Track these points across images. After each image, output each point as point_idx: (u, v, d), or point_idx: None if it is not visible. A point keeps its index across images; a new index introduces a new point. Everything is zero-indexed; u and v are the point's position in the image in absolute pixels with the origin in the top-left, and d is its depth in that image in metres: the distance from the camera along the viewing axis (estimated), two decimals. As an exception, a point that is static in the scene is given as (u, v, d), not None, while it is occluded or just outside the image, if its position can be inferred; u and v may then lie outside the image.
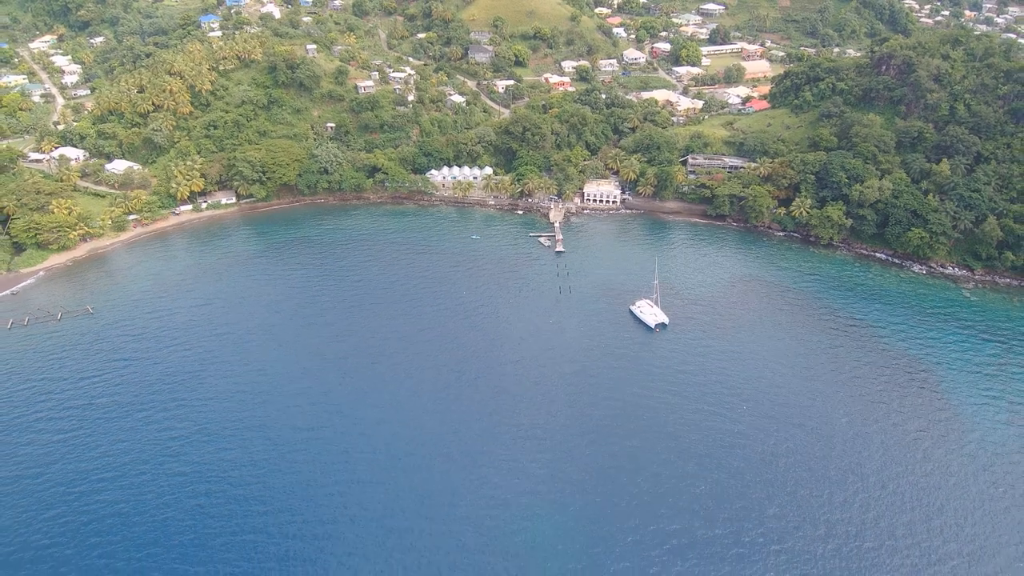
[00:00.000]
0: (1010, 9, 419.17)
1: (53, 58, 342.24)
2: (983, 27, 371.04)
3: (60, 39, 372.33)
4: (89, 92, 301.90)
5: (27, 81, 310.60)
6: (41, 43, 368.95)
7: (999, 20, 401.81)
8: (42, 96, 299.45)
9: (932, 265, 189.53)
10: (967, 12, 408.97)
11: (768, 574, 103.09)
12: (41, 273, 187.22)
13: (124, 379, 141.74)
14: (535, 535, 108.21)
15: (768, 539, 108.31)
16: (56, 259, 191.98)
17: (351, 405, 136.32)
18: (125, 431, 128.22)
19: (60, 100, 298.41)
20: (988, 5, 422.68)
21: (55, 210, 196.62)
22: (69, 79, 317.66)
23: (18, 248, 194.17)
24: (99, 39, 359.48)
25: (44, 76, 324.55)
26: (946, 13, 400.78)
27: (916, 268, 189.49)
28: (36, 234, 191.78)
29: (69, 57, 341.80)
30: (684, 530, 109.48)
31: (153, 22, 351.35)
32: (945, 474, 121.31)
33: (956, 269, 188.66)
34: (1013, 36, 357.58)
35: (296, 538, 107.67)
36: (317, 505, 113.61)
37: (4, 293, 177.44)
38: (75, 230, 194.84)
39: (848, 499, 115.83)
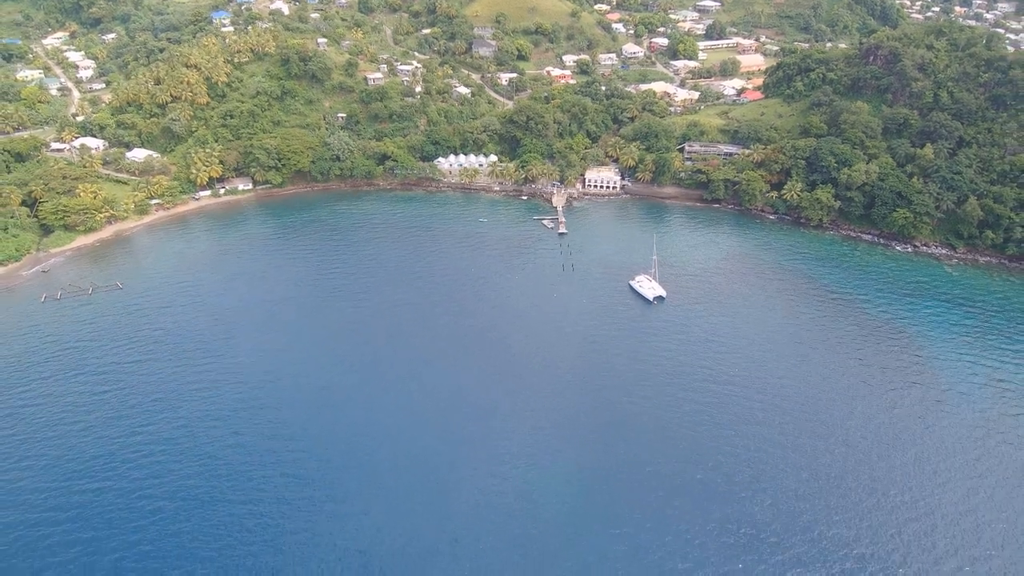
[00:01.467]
0: (999, 5, 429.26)
1: (67, 54, 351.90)
2: (972, 22, 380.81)
3: (72, 36, 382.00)
4: (104, 86, 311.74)
5: (43, 75, 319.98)
6: (54, 39, 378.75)
7: (988, 16, 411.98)
8: (59, 90, 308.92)
9: (916, 244, 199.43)
10: (957, 8, 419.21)
11: (753, 508, 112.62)
12: (69, 253, 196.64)
13: (157, 343, 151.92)
14: (540, 474, 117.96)
15: (755, 478, 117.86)
16: (83, 240, 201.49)
17: (372, 364, 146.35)
18: (161, 385, 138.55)
19: (76, 94, 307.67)
20: (978, 1, 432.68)
21: (81, 194, 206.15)
22: (84, 74, 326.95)
23: (46, 230, 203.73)
24: (111, 36, 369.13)
25: (59, 71, 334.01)
26: (936, 9, 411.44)
27: (901, 247, 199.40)
28: (64, 216, 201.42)
29: (82, 53, 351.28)
30: (677, 472, 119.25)
31: (164, 18, 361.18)
32: (919, 420, 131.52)
33: (939, 248, 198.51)
34: (1001, 31, 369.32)
35: (328, 469, 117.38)
36: (339, 442, 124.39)
37: (35, 270, 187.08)
38: (101, 213, 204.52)
39: (830, 447, 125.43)
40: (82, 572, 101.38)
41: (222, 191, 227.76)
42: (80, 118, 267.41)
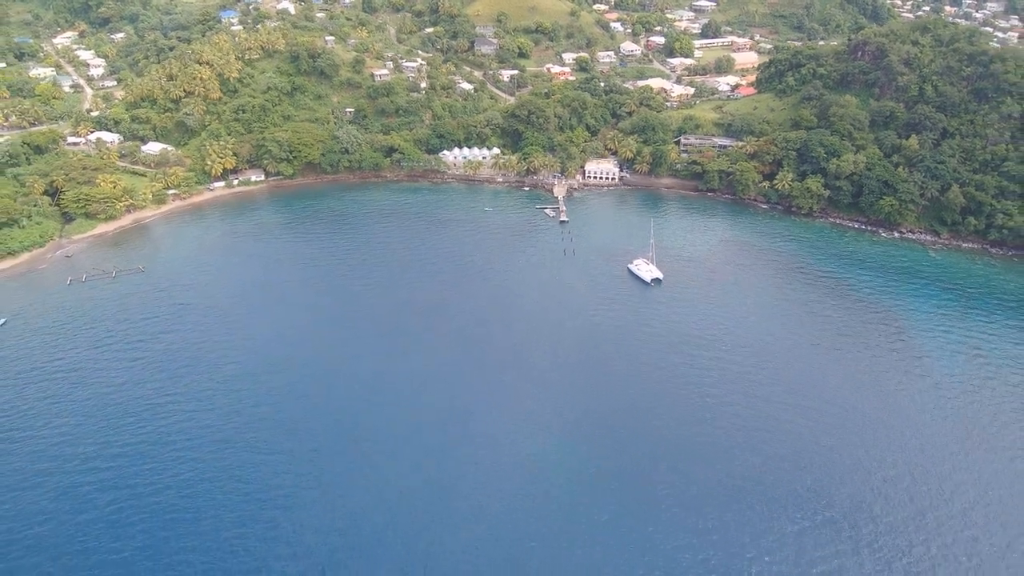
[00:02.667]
0: (988, 4, 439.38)
1: (77, 52, 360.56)
2: (962, 21, 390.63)
3: (81, 35, 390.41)
4: (115, 83, 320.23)
5: (55, 73, 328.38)
6: (63, 38, 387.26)
7: (977, 15, 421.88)
8: (71, 87, 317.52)
9: (902, 231, 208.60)
10: (947, 7, 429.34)
11: (744, 457, 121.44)
12: (90, 240, 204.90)
13: (181, 319, 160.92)
14: (544, 445, 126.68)
15: (744, 431, 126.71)
16: (103, 228, 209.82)
17: (383, 339, 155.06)
18: (187, 358, 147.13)
19: (88, 90, 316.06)
20: (968, 1, 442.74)
21: (101, 184, 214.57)
22: (95, 71, 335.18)
23: (67, 218, 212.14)
24: (119, 35, 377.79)
25: (70, 69, 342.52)
26: (927, 8, 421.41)
27: (887, 234, 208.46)
28: (85, 205, 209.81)
29: (92, 52, 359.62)
30: (669, 424, 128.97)
31: (173, 18, 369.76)
32: (898, 385, 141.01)
33: (924, 234, 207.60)
34: (989, 29, 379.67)
35: (342, 432, 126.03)
36: (348, 399, 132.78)
37: (59, 255, 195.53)
38: (121, 201, 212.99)
39: (815, 406, 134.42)
40: (124, 511, 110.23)
41: (236, 182, 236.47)
42: (95, 113, 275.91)
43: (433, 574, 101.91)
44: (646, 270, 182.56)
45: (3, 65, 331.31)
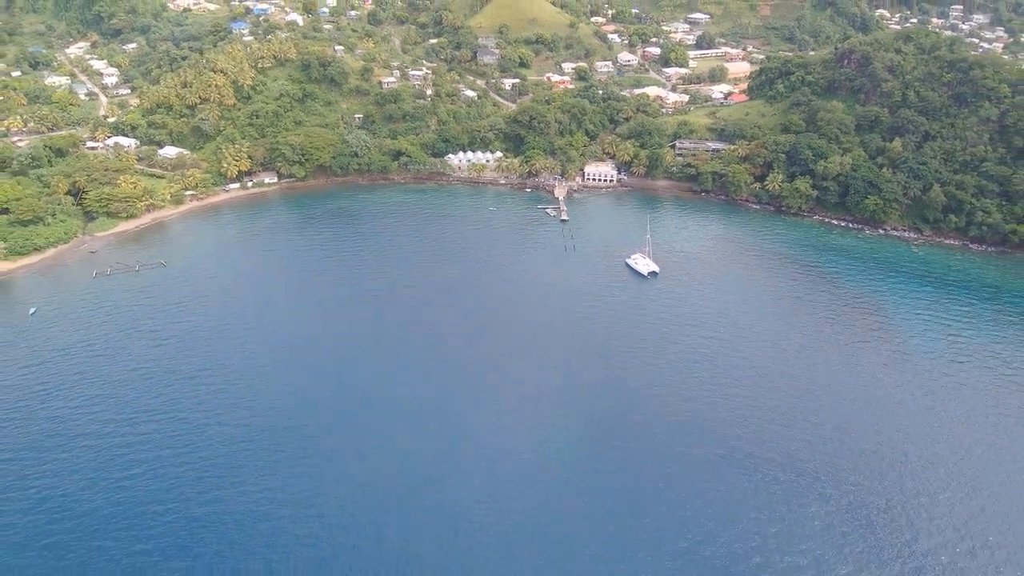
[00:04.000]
0: (975, 16, 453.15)
1: (90, 62, 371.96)
2: (949, 32, 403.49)
3: (93, 45, 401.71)
4: (129, 91, 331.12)
5: (71, 81, 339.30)
6: (76, 49, 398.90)
7: (964, 27, 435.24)
8: (87, 94, 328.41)
9: (886, 228, 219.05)
10: (935, 19, 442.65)
11: (732, 424, 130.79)
12: (112, 237, 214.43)
13: (202, 307, 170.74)
14: (552, 410, 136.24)
15: (733, 407, 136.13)
16: (124, 226, 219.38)
17: (396, 326, 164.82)
18: (212, 341, 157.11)
19: (103, 98, 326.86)
20: (955, 13, 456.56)
21: (122, 184, 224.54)
22: (109, 80, 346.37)
23: (89, 217, 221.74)
24: (131, 46, 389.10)
25: (84, 78, 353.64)
26: (915, 20, 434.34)
27: (872, 231, 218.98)
28: (107, 204, 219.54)
29: (105, 61, 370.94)
30: (663, 395, 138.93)
31: (184, 29, 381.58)
32: (878, 363, 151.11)
33: (907, 232, 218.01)
34: (975, 40, 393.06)
35: (352, 415, 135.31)
36: (373, 385, 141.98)
37: (83, 251, 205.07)
38: (141, 201, 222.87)
39: (801, 383, 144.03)
40: (151, 479, 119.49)
41: (250, 183, 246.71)
42: (111, 119, 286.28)
43: (456, 521, 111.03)
44: (643, 264, 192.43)
45: (19, 73, 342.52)
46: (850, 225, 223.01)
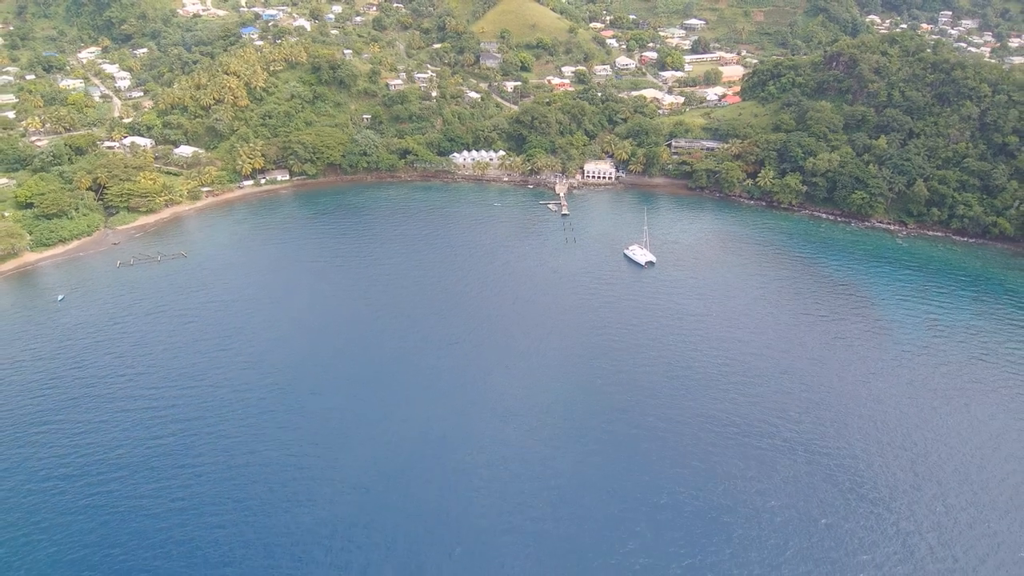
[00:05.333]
0: (963, 22, 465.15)
1: (102, 66, 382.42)
2: (938, 37, 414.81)
3: (104, 50, 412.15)
4: (142, 94, 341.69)
5: (84, 84, 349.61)
6: (87, 53, 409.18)
7: (952, 31, 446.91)
8: (101, 97, 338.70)
9: (872, 221, 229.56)
10: (924, 25, 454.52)
11: (721, 396, 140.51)
12: (133, 231, 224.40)
13: (224, 292, 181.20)
14: (556, 382, 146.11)
15: (723, 381, 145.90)
16: (144, 220, 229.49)
17: (405, 311, 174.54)
18: (237, 317, 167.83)
19: (117, 101, 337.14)
20: (943, 19, 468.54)
21: (142, 180, 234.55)
22: (121, 83, 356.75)
23: (110, 211, 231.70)
24: (142, 51, 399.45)
25: (97, 81, 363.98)
26: (904, 26, 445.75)
27: (859, 224, 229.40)
28: (128, 199, 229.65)
29: (117, 65, 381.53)
30: (663, 377, 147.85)
31: (194, 34, 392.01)
32: (860, 341, 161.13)
33: (892, 224, 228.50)
34: (964, 44, 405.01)
35: (358, 396, 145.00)
36: (367, 358, 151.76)
37: (106, 243, 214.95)
38: (160, 196, 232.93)
39: (787, 359, 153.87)
40: (184, 440, 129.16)
41: (263, 181, 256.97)
42: (127, 120, 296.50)
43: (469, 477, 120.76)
44: (640, 254, 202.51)
45: (32, 77, 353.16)
46: (838, 219, 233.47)
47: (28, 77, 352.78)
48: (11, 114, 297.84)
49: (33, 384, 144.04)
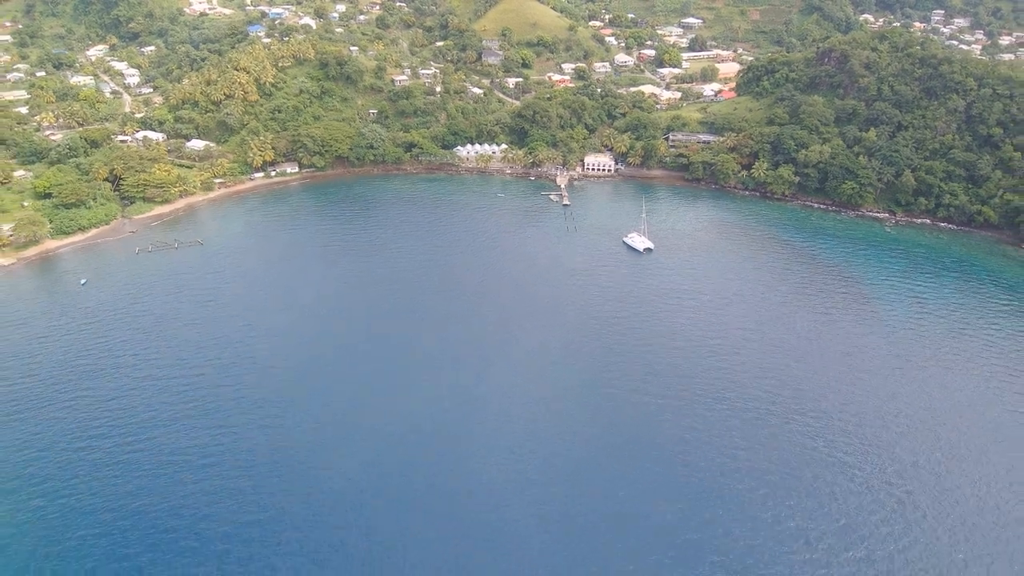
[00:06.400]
0: (955, 20, 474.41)
1: (111, 63, 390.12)
2: (931, 36, 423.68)
3: (112, 48, 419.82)
4: (152, 91, 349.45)
5: (95, 81, 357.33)
6: (95, 51, 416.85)
7: (944, 30, 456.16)
8: (111, 93, 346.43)
9: (862, 210, 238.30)
10: (916, 24, 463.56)
11: (715, 371, 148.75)
12: (149, 220, 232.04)
13: (240, 275, 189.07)
14: (556, 362, 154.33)
15: (717, 358, 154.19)
16: (160, 210, 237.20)
17: (413, 298, 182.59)
18: (254, 298, 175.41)
19: (127, 97, 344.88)
20: (936, 17, 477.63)
21: (157, 172, 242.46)
22: (131, 80, 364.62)
23: (126, 201, 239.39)
24: (149, 48, 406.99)
25: (106, 78, 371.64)
26: (897, 24, 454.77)
27: (849, 213, 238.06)
28: (144, 189, 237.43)
29: (126, 63, 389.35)
30: (656, 350, 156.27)
31: (201, 33, 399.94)
32: (848, 320, 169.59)
33: (881, 213, 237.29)
34: (955, 42, 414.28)
35: (359, 382, 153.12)
36: (388, 355, 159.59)
37: (124, 232, 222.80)
38: (175, 187, 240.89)
39: (779, 336, 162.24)
40: (202, 413, 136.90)
41: (273, 173, 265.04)
42: (138, 115, 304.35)
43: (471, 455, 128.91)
44: (639, 241, 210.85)
45: (43, 73, 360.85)
46: (829, 208, 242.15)
47: (39, 74, 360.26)
48: (24, 109, 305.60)
49: (64, 358, 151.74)
